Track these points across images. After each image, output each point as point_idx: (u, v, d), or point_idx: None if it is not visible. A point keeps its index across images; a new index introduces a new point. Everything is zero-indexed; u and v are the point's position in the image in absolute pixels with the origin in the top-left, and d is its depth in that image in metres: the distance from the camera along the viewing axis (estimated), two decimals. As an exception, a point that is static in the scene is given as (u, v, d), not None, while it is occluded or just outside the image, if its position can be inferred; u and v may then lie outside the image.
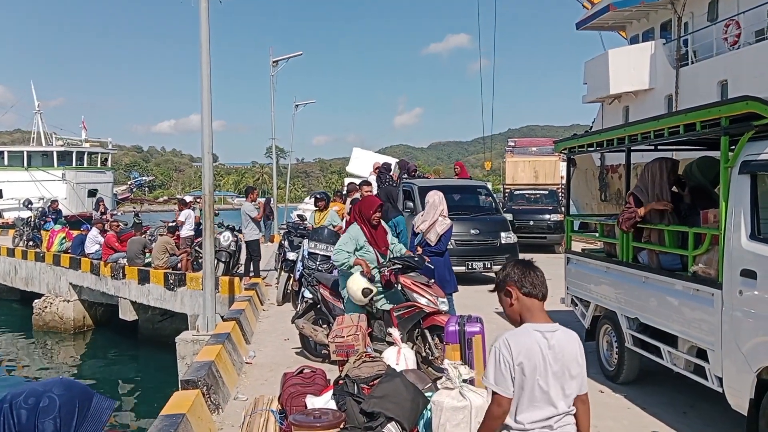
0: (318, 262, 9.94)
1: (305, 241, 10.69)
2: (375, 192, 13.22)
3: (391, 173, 15.31)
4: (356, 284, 6.61)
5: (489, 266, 13.21)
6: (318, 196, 12.44)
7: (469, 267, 12.93)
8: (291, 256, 11.53)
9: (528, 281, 2.78)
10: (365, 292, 6.58)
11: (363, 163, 23.97)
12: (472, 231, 13.15)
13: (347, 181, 25.78)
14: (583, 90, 25.55)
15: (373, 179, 14.80)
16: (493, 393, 2.63)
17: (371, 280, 6.66)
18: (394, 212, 9.18)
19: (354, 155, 27.63)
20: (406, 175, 15.64)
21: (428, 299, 6.59)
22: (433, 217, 7.96)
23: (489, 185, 16.83)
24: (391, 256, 6.93)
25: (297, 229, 12.29)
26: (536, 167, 26.08)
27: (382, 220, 7.10)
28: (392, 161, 19.33)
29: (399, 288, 6.87)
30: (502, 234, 13.52)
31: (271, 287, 13.25)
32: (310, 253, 10.16)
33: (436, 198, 8.07)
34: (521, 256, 18.03)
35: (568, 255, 7.93)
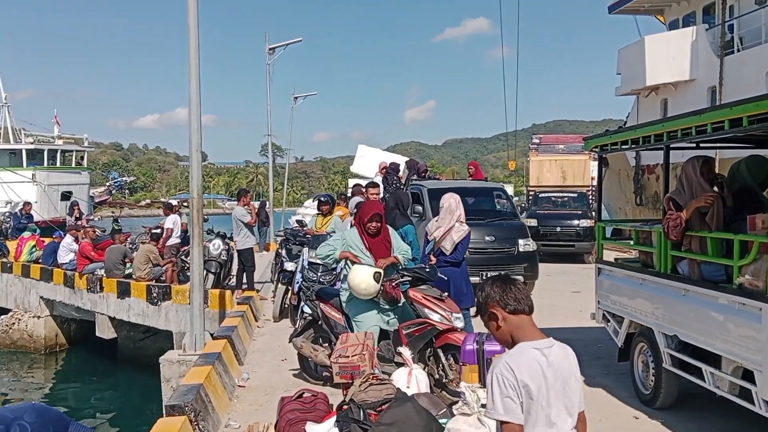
0: (319, 274, 9.99)
1: (305, 249, 10.75)
2: (382, 195, 13.29)
3: (398, 174, 15.37)
4: (362, 271, 6.68)
5: None
6: (322, 199, 12.51)
7: (484, 277, 12.98)
8: (289, 266, 11.58)
9: (511, 297, 2.82)
10: (376, 277, 6.67)
11: (369, 163, 24.10)
12: (487, 238, 13.24)
13: (352, 182, 25.86)
14: (616, 81, 25.53)
15: (379, 180, 14.86)
16: (503, 423, 2.63)
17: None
18: (403, 220, 9.20)
19: (359, 153, 27.78)
20: (415, 177, 15.75)
21: (441, 315, 6.63)
22: (449, 223, 8.01)
23: (510, 188, 16.95)
24: (399, 267, 6.99)
25: (296, 237, 12.35)
26: (564, 167, 26.11)
27: (395, 235, 7.17)
28: (402, 160, 19.38)
29: (408, 303, 6.91)
30: (520, 241, 13.64)
31: (267, 301, 13.30)
32: (310, 264, 10.21)
33: (452, 201, 8.12)
34: (548, 267, 18.31)
35: (599, 265, 7.95)
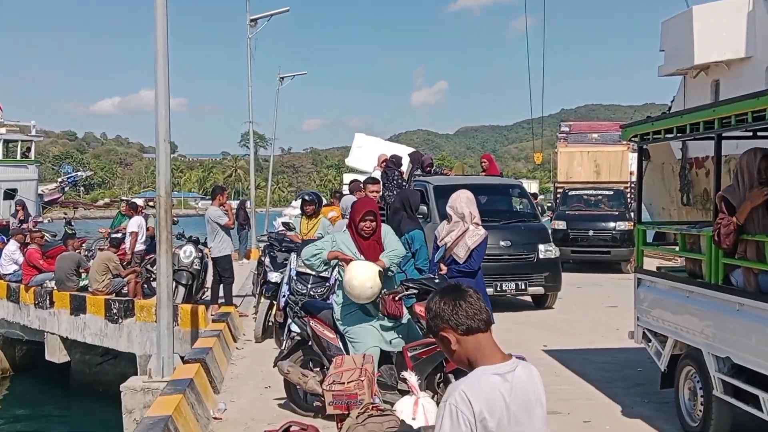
0: (310, 286, 10.02)
1: (292, 257, 10.78)
2: (382, 193, 13.30)
3: (400, 169, 15.41)
4: (363, 267, 6.71)
5: (524, 288, 13.52)
6: (306, 197, 12.51)
7: (498, 288, 13.15)
8: (273, 277, 11.61)
9: (462, 315, 2.79)
10: (381, 274, 6.71)
11: (367, 155, 24.19)
12: (502, 243, 13.33)
13: (347, 177, 25.87)
14: (659, 59, 25.51)
15: (378, 175, 14.93)
16: None
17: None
18: (411, 224, 9.21)
19: (356, 144, 27.87)
20: (419, 171, 15.84)
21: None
22: (463, 226, 8.05)
23: (534, 185, 17.11)
24: (403, 278, 7.04)
25: (282, 242, 12.37)
26: (598, 159, 26.20)
27: (390, 233, 7.19)
28: (405, 152, 19.42)
29: (415, 320, 6.94)
30: (541, 246, 13.77)
31: (248, 318, 13.35)
32: (299, 274, 10.23)
33: (465, 200, 8.15)
34: (579, 278, 18.32)
35: (639, 275, 7.98)
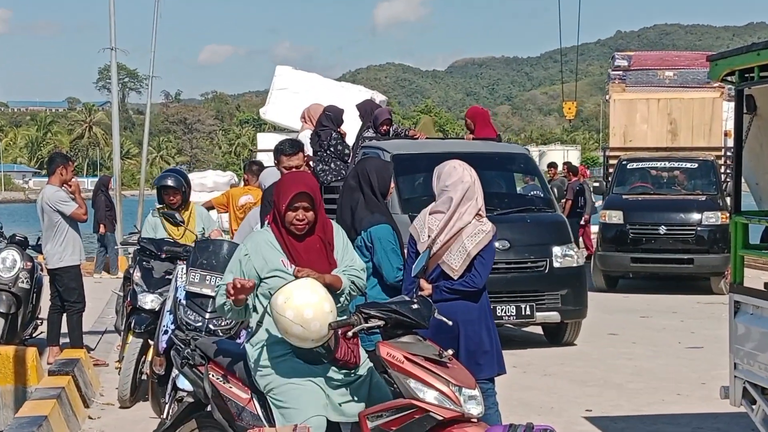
0: (208, 315, 9.95)
1: (179, 269, 10.71)
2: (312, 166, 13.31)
3: (339, 128, 15.43)
4: (306, 290, 6.63)
5: (529, 313, 13.73)
6: (170, 182, 12.43)
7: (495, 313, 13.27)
8: (148, 302, 11.62)
9: None
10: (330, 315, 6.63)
11: (296, 102, 24.07)
12: (497, 244, 13.42)
13: (265, 140, 25.74)
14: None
15: (306, 138, 15.05)
16: None
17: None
18: (373, 215, 9.13)
19: (277, 84, 27.75)
20: (371, 131, 16.07)
21: (441, 392, 6.65)
22: (459, 218, 8.04)
23: (570, 155, 17.18)
24: (344, 296, 7.00)
25: (161, 246, 12.29)
26: (674, 112, 26.24)
27: (342, 236, 7.15)
28: (353, 100, 19.36)
29: (380, 370, 6.92)
30: (556, 249, 14.08)
31: (107, 368, 13.36)
32: (190, 296, 10.17)
33: (461, 176, 8.15)
34: (644, 301, 18.26)
35: (737, 297, 8.02)
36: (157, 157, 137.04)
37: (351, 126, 16.16)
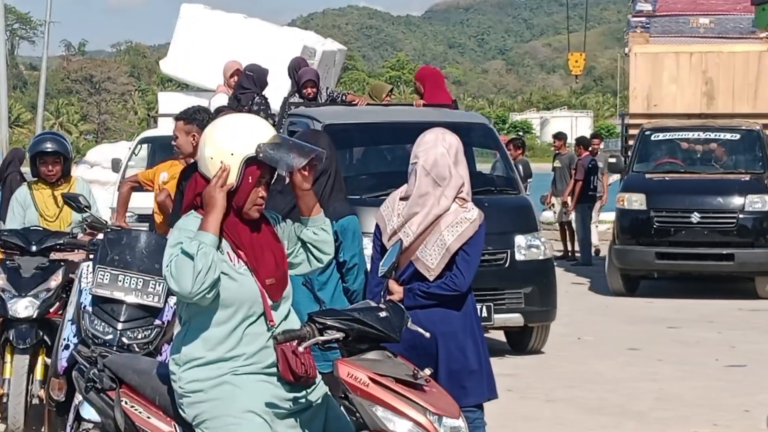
0: (121, 325, 9.93)
1: (83, 267, 10.69)
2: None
3: (262, 90, 15.48)
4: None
5: (486, 315, 13.83)
6: (49, 144, 12.42)
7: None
8: (22, 309, 11.64)
9: None
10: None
11: (202, 52, 23.96)
12: None
13: (166, 99, 25.65)
14: None
15: (222, 102, 15.32)
16: None
17: None
18: (340, 205, 9.17)
19: (181, 27, 27.56)
20: (296, 97, 16.45)
21: (416, 423, 6.66)
22: (436, 203, 8.04)
23: (585, 122, 17.31)
24: (310, 311, 6.98)
25: (28, 240, 12.27)
26: (709, 71, 26.18)
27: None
28: (288, 52, 19.44)
29: (338, 394, 6.91)
30: (519, 239, 14.44)
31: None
32: (97, 301, 10.15)
33: (445, 149, 8.14)
34: (674, 306, 18.30)
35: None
36: (56, 125, 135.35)
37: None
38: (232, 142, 6.56)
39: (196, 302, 6.54)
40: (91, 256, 10.75)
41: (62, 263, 11.81)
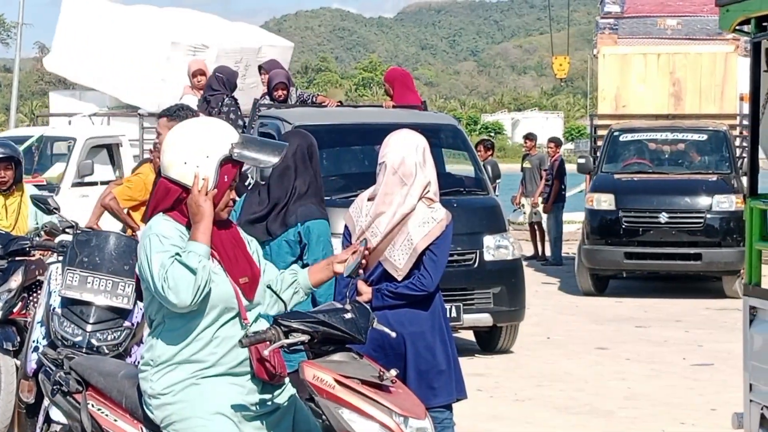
0: (90, 327, 9.89)
1: (53, 269, 10.66)
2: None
3: (231, 92, 15.50)
4: None
5: (455, 315, 13.86)
6: (0, 150, 12.37)
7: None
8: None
9: None
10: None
11: (86, 47, 23.51)
12: None
13: (57, 100, 25.29)
14: None
15: (191, 101, 15.26)
16: None
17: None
18: (305, 206, 9.16)
19: (63, 21, 25.75)
20: (265, 98, 16.58)
21: (382, 424, 6.66)
22: (403, 202, 8.04)
23: (556, 123, 17.36)
24: (276, 312, 6.96)
25: (18, 240, 12.24)
26: (677, 72, 26.24)
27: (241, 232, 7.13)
28: (259, 55, 19.46)
29: (304, 397, 6.91)
30: (488, 239, 14.50)
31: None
32: (66, 303, 10.12)
33: (411, 148, 8.15)
34: (641, 306, 18.30)
35: (753, 301, 8.06)
36: (29, 125, 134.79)
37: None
38: (205, 145, 6.55)
39: (183, 309, 6.52)
40: (61, 258, 10.72)
41: (21, 263, 11.71)
